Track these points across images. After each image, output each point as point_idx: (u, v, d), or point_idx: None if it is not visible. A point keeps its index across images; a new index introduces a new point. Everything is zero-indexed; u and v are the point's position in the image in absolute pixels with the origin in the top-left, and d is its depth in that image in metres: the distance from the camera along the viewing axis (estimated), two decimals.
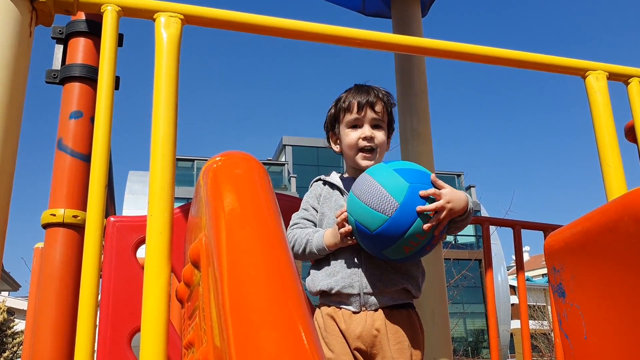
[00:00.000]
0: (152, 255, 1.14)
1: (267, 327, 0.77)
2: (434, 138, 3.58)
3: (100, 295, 2.69)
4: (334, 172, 2.23)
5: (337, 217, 1.92)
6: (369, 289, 1.95)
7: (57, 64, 2.81)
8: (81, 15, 2.80)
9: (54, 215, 2.54)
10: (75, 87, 2.76)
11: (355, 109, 2.09)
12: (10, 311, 23.18)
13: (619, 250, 1.30)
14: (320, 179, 2.21)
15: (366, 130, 2.09)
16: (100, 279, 2.76)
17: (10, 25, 1.29)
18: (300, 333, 0.76)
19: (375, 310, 1.94)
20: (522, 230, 3.76)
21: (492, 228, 3.75)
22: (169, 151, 1.23)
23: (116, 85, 2.87)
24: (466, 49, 1.80)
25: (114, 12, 1.37)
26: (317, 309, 2.08)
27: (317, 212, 2.13)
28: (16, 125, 1.26)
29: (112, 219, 2.70)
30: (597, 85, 1.77)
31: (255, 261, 0.89)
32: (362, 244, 1.90)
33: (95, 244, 1.19)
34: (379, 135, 2.11)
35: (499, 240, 25.80)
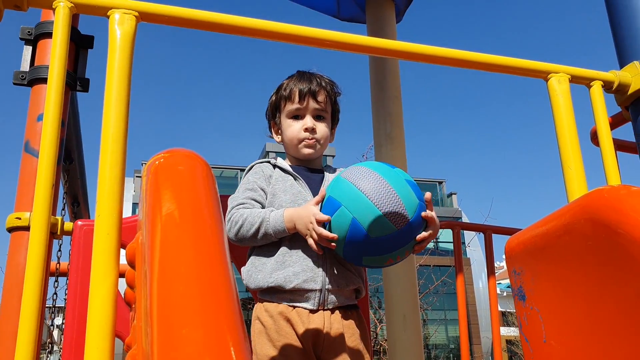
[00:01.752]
0: (99, 257, 1.10)
1: (191, 326, 0.74)
2: (415, 144, 3.64)
3: (66, 299, 2.66)
4: (279, 158, 2.07)
5: (316, 218, 1.71)
6: (329, 286, 1.82)
7: (25, 66, 2.77)
8: (50, 16, 2.77)
9: (20, 218, 2.49)
10: (44, 89, 2.71)
11: (297, 98, 1.98)
12: None
13: (577, 252, 1.30)
14: (268, 161, 2.02)
15: (308, 121, 1.98)
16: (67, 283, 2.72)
17: None
18: (226, 334, 0.73)
19: (332, 310, 1.84)
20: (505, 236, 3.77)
21: (472, 234, 3.76)
22: (118, 151, 1.19)
23: (85, 87, 2.84)
24: (431, 51, 1.79)
25: (66, 9, 1.34)
26: (259, 305, 1.88)
27: (265, 194, 1.94)
28: None
29: (79, 222, 2.66)
30: (559, 87, 1.77)
31: (187, 262, 0.86)
32: (343, 244, 1.72)
33: (39, 247, 1.15)
34: (321, 127, 2.01)
35: (480, 247, 25.91)
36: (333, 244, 1.73)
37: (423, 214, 1.72)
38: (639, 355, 1.12)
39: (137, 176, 31.88)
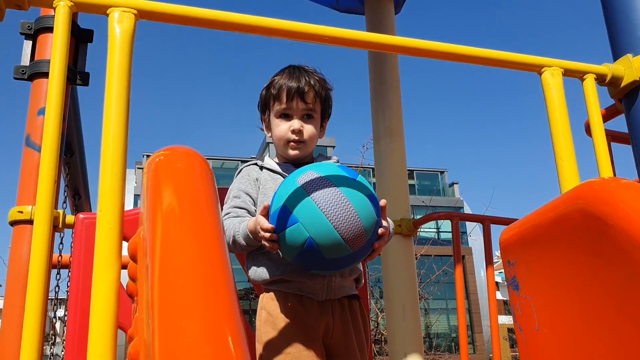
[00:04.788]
0: (102, 251, 1.13)
1: (191, 318, 0.77)
2: (418, 134, 3.65)
3: (69, 291, 2.69)
4: (267, 157, 2.06)
5: (263, 228, 1.65)
6: (334, 276, 1.83)
7: (25, 60, 2.79)
8: (50, 11, 2.77)
9: (22, 212, 2.52)
10: (44, 84, 2.73)
11: (285, 99, 1.95)
12: None
13: (567, 243, 1.33)
14: (255, 163, 2.01)
15: (295, 123, 1.95)
16: (70, 276, 2.76)
17: None
18: (225, 326, 0.76)
19: (339, 299, 1.85)
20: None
21: (473, 223, 3.79)
22: (119, 147, 1.22)
23: (85, 81, 2.85)
24: (428, 46, 1.80)
25: (66, 7, 1.36)
26: (265, 295, 1.86)
27: (251, 198, 1.94)
28: None
29: (81, 215, 2.69)
30: (552, 81, 1.79)
31: (187, 255, 0.89)
32: (294, 256, 1.66)
33: (43, 241, 1.18)
34: (309, 128, 1.98)
35: (481, 236, 25.96)
36: (276, 245, 1.67)
37: (380, 230, 1.68)
38: (627, 340, 1.16)
39: (138, 168, 31.90)
